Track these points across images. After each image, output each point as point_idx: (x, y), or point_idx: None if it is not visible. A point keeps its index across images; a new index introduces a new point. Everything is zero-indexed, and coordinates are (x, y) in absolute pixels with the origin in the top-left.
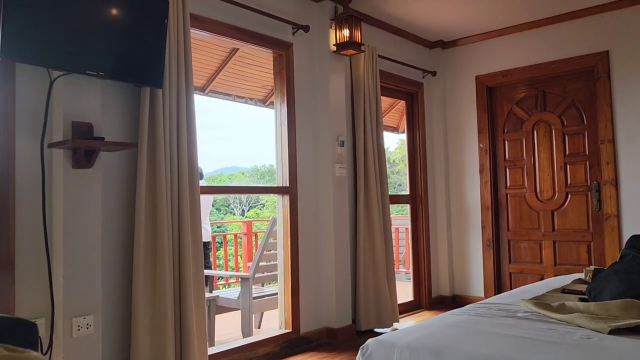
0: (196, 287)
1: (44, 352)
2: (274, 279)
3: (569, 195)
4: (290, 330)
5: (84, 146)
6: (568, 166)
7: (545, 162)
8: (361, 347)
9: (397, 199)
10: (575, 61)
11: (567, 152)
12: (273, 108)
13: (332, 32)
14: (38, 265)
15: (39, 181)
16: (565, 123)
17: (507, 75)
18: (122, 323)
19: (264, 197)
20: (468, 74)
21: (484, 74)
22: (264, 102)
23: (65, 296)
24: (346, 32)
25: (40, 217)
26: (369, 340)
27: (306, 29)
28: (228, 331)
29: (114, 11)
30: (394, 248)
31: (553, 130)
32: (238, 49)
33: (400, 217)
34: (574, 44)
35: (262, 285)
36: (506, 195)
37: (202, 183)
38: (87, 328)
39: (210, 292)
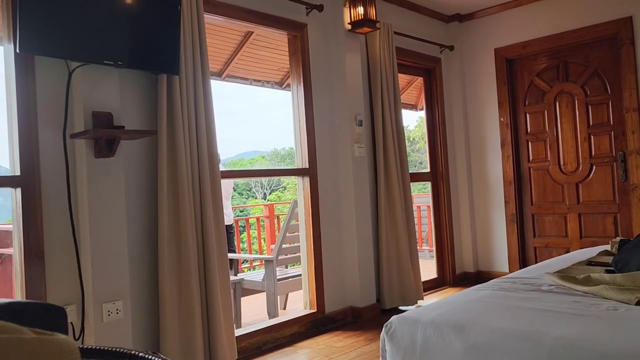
0: (220, 270)
1: (76, 337)
2: (297, 260)
3: (594, 167)
4: (315, 310)
5: (105, 135)
6: (592, 137)
7: (568, 134)
8: (385, 324)
9: (418, 177)
10: (597, 28)
11: (591, 123)
12: (290, 90)
13: (346, 11)
14: (66, 254)
15: (63, 172)
16: (588, 93)
17: (527, 46)
18: (151, 307)
19: (285, 180)
20: (486, 47)
21: (503, 46)
22: (281, 84)
23: (95, 283)
24: (360, 9)
25: (66, 206)
26: (393, 318)
27: (320, 8)
28: (254, 313)
29: (128, 0)
30: (416, 226)
31: (576, 101)
32: (252, 32)
33: (422, 195)
34: (595, 10)
35: (286, 267)
36: (529, 168)
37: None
38: (117, 313)
39: (235, 275)
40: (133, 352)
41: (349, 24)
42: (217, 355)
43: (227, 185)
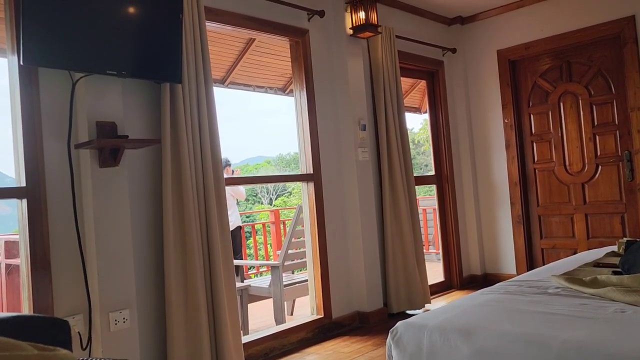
0: (226, 276)
1: (84, 347)
2: (303, 266)
3: (600, 167)
4: (322, 315)
5: (109, 145)
6: (597, 137)
7: (573, 134)
8: (390, 330)
9: (423, 180)
10: (600, 28)
11: (596, 123)
12: (293, 96)
13: (347, 16)
14: (72, 264)
15: (68, 182)
16: (592, 93)
17: (530, 47)
18: (157, 315)
19: (291, 185)
20: (489, 49)
21: (505, 47)
22: (284, 90)
23: (101, 292)
24: (362, 14)
25: (71, 216)
26: (398, 323)
27: (321, 14)
28: (261, 319)
29: (130, 10)
30: (422, 229)
31: (580, 101)
32: (254, 39)
33: (428, 198)
34: (597, 10)
35: (293, 273)
36: (534, 170)
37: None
38: (124, 322)
39: (242, 281)
40: None
41: (350, 28)
42: None
43: (236, 189)
